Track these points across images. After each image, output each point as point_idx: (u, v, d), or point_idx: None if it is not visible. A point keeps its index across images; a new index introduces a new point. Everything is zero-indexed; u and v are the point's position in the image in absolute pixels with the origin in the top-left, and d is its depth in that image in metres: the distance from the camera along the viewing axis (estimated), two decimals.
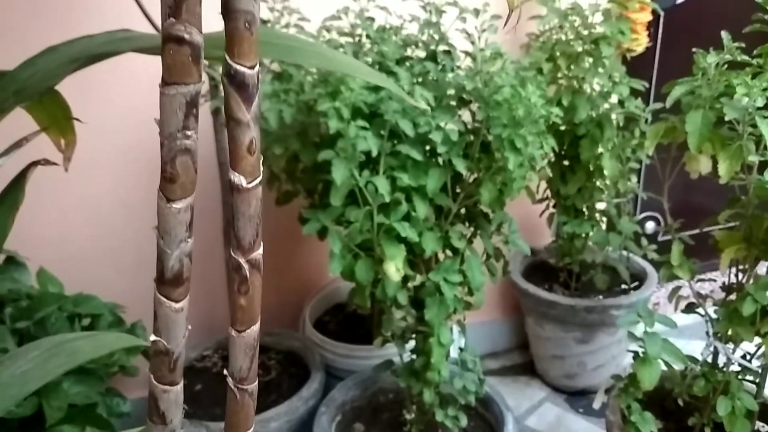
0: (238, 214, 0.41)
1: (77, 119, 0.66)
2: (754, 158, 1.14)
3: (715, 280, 1.42)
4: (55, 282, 1.49)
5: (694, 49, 1.20)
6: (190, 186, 0.46)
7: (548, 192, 1.84)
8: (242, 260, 0.42)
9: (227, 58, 0.37)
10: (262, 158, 1.33)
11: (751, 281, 1.27)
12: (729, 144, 1.18)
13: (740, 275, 1.31)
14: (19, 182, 0.59)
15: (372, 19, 1.37)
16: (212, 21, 0.46)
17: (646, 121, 1.60)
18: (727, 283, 1.36)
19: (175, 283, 0.41)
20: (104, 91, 1.51)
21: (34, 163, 0.61)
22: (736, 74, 1.16)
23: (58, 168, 0.69)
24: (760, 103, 1.10)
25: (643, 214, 2.24)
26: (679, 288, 1.39)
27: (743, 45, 1.16)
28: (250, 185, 0.40)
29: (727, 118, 1.12)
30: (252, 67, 0.38)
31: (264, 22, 1.47)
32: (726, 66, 1.21)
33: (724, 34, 1.16)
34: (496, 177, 1.24)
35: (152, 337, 0.41)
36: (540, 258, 2.02)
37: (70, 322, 1.40)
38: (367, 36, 1.32)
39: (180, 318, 0.42)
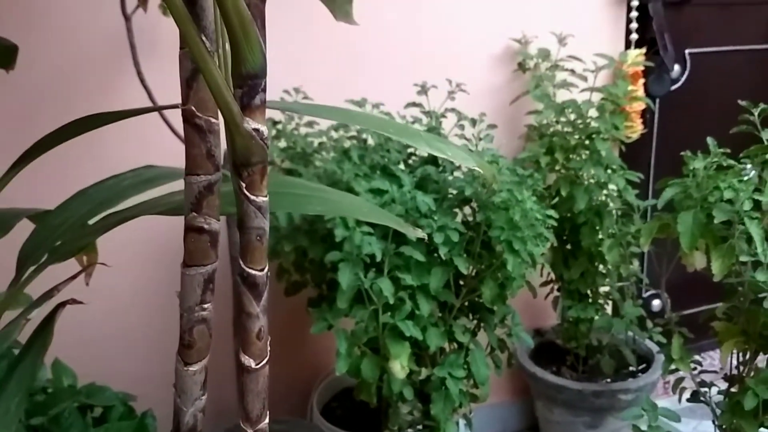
0: (247, 391, 0.46)
1: (103, 263, 0.72)
2: (745, 258, 1.18)
3: (716, 372, 1.43)
4: (68, 373, 1.53)
5: (681, 153, 1.26)
6: (205, 350, 0.51)
7: (552, 275, 1.88)
8: (250, 431, 0.46)
9: (241, 262, 0.43)
10: (272, 253, 1.37)
11: (752, 374, 1.29)
12: (721, 242, 1.22)
13: (741, 367, 1.33)
14: (48, 325, 0.64)
15: None
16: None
17: (643, 215, 1.65)
18: (728, 373, 1.37)
19: None
20: (117, 168, 1.59)
21: (62, 305, 0.66)
22: (723, 176, 1.22)
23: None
24: (747, 206, 1.15)
25: (649, 292, 2.26)
26: (682, 379, 1.40)
27: (728, 150, 1.22)
28: (258, 366, 0.46)
29: (716, 221, 1.17)
30: (261, 270, 0.44)
31: (275, 123, 1.56)
32: (715, 166, 1.27)
33: (709, 139, 1.22)
34: (496, 273, 1.29)
35: None
36: (548, 338, 2.04)
37: (82, 413, 1.43)
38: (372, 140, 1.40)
39: None
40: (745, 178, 1.25)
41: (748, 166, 1.23)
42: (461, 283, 1.38)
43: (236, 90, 0.39)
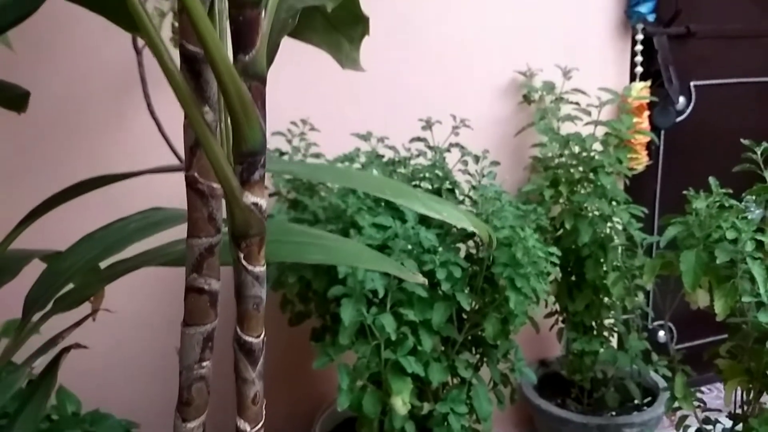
0: None
1: (107, 310, 0.73)
2: (748, 298, 1.18)
3: (720, 411, 1.42)
4: (72, 399, 1.54)
5: (684, 192, 1.27)
6: (203, 406, 0.52)
7: (557, 306, 1.87)
8: None
9: (238, 329, 0.44)
10: (277, 284, 1.37)
11: (756, 414, 1.28)
12: (725, 281, 1.22)
13: (745, 407, 1.32)
14: (52, 369, 0.65)
15: (382, 157, 1.47)
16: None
17: (648, 249, 1.65)
18: (732, 411, 1.37)
19: None
20: (126, 207, 1.61)
21: (66, 350, 0.68)
22: (726, 215, 1.22)
23: None
24: (750, 247, 1.16)
25: (656, 323, 2.25)
26: (686, 417, 1.39)
27: (730, 191, 1.22)
28: (253, 430, 0.46)
29: (718, 261, 1.17)
30: (258, 336, 0.45)
31: (282, 154, 1.58)
32: (717, 206, 1.27)
33: (711, 179, 1.23)
34: (499, 309, 1.30)
35: None
36: (552, 369, 2.03)
37: None
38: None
39: None
40: (750, 217, 1.25)
41: (752, 206, 1.23)
42: (464, 317, 1.38)
43: (236, 166, 0.41)
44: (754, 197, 1.27)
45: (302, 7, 0.57)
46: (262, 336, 0.45)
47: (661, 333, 2.27)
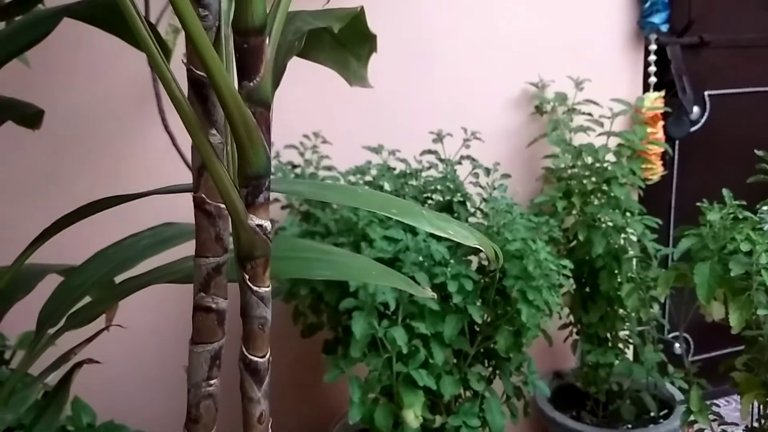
0: None
1: (120, 326, 0.74)
2: (764, 311, 1.17)
3: (737, 424, 1.40)
4: (87, 411, 1.56)
5: (697, 204, 1.26)
6: (211, 423, 0.53)
7: (571, 317, 1.86)
8: None
9: (244, 349, 0.45)
10: (289, 295, 1.38)
11: None
12: (739, 294, 1.21)
13: (762, 420, 1.30)
14: (65, 384, 0.66)
15: (393, 169, 1.47)
16: None
17: (663, 260, 1.63)
18: (749, 425, 1.35)
19: None
20: (141, 220, 1.63)
21: (78, 365, 0.69)
22: (740, 228, 1.21)
23: None
24: (765, 259, 1.14)
25: (672, 334, 2.23)
26: (702, 430, 1.38)
27: (744, 203, 1.21)
28: None
29: (733, 274, 1.16)
30: (263, 356, 0.45)
31: (294, 167, 1.59)
32: (731, 217, 1.26)
33: (725, 191, 1.22)
34: (511, 322, 1.29)
35: None
36: (567, 381, 2.01)
37: None
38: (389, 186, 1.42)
39: None
40: (765, 228, 1.24)
41: (767, 217, 1.22)
42: (476, 329, 1.38)
43: (241, 189, 0.41)
44: None
45: (309, 29, 0.58)
46: (268, 356, 0.45)
47: (677, 344, 2.25)
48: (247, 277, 0.43)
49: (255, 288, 0.43)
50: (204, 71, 0.39)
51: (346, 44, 0.78)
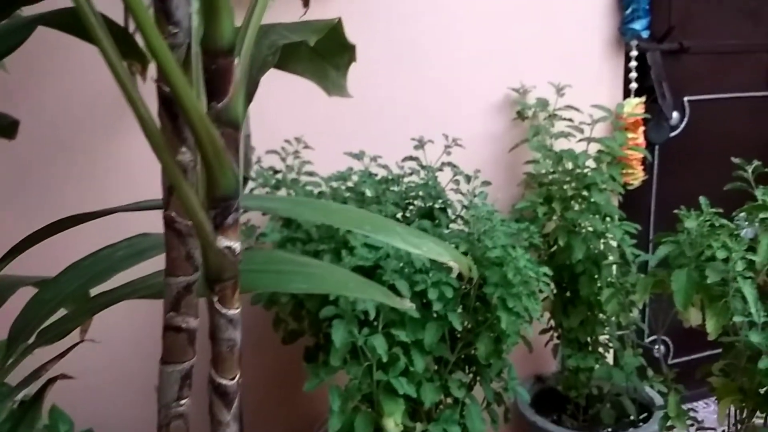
0: None
1: (92, 340, 0.73)
2: (739, 318, 1.18)
3: (714, 429, 1.42)
4: (65, 419, 1.54)
5: (675, 211, 1.27)
6: None
7: (552, 321, 1.87)
8: None
9: (212, 372, 0.44)
10: (270, 302, 1.37)
11: None
12: (716, 300, 1.22)
13: (738, 425, 1.32)
14: (37, 402, 0.65)
15: (375, 175, 1.47)
16: None
17: (642, 265, 1.65)
18: (727, 430, 1.36)
19: None
20: (120, 226, 1.61)
21: (52, 381, 0.68)
22: (716, 235, 1.22)
23: None
24: (741, 266, 1.16)
25: (652, 337, 2.25)
26: None
27: (720, 210, 1.23)
28: None
29: (709, 281, 1.17)
30: (233, 379, 0.45)
31: (276, 172, 1.58)
32: (709, 224, 1.27)
33: (702, 199, 1.23)
34: (492, 328, 1.29)
35: None
36: (548, 385, 2.02)
37: None
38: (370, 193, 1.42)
39: None
40: (742, 233, 1.26)
41: (744, 224, 1.24)
42: (457, 336, 1.38)
43: (210, 211, 0.41)
44: (745, 215, 1.27)
45: (284, 43, 0.58)
46: (237, 378, 0.45)
47: (657, 347, 2.27)
48: (216, 299, 0.42)
49: (224, 311, 0.43)
50: (171, 92, 0.39)
51: (325, 55, 0.77)
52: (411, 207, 1.50)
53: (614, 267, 1.68)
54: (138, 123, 0.40)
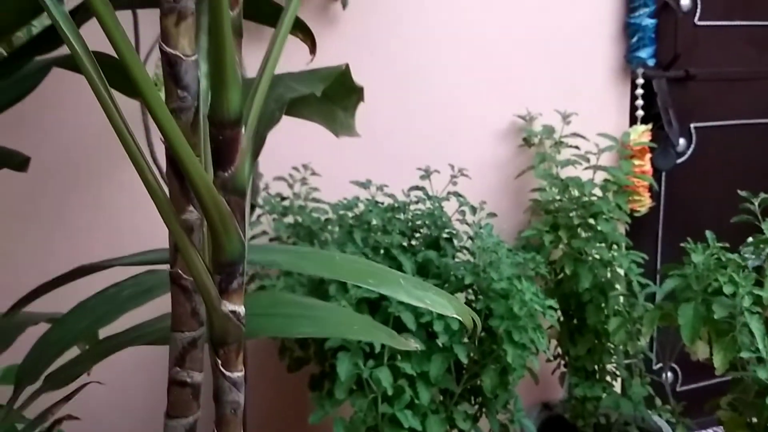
0: None
1: (98, 382, 0.74)
2: (747, 354, 1.17)
3: None
4: None
5: (682, 244, 1.27)
6: None
7: (559, 349, 1.86)
8: None
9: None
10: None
11: None
12: (723, 335, 1.21)
13: None
14: None
15: (381, 203, 1.48)
16: None
17: (649, 296, 1.64)
18: None
19: None
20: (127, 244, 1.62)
21: (58, 422, 0.68)
22: (723, 270, 1.22)
23: None
24: (747, 302, 1.15)
25: (659, 365, 2.23)
26: None
27: (727, 245, 1.22)
28: None
29: (716, 316, 1.17)
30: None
31: (283, 198, 1.59)
32: (715, 258, 1.27)
33: (708, 233, 1.23)
34: (498, 360, 1.29)
35: None
36: (556, 412, 2.01)
37: None
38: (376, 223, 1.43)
39: None
40: (748, 263, 1.25)
41: (751, 257, 1.23)
42: (463, 367, 1.38)
43: (215, 275, 0.41)
44: (752, 248, 1.27)
45: (291, 97, 0.59)
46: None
47: (665, 376, 2.25)
48: (219, 362, 0.43)
49: (227, 373, 0.43)
50: (177, 160, 0.40)
51: (333, 99, 0.78)
52: (417, 235, 1.50)
53: (621, 297, 1.68)
54: (145, 188, 0.41)
